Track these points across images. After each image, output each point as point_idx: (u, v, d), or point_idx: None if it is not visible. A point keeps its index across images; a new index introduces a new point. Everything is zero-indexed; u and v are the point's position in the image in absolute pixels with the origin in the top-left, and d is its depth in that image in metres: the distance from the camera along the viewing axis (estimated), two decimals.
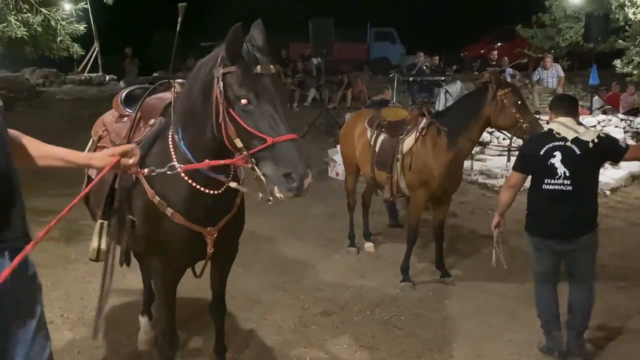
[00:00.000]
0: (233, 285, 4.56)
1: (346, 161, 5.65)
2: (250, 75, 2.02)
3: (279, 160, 1.96)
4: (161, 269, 2.58)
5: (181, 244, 2.45)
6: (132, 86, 3.18)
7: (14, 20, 4.84)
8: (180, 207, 2.37)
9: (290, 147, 1.98)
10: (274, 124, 1.99)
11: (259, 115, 2.00)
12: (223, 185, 2.33)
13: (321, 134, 10.83)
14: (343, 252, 5.44)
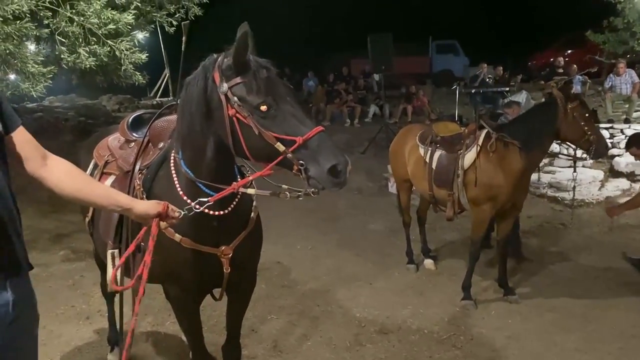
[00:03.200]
0: (285, 300, 4.66)
1: (397, 178, 5.57)
2: (261, 81, 1.95)
3: (317, 156, 1.89)
4: (178, 296, 2.48)
5: (195, 269, 2.34)
6: (139, 111, 3.08)
7: (84, 51, 5.19)
8: (188, 231, 2.25)
9: (323, 139, 1.91)
10: (299, 123, 1.93)
11: (282, 118, 1.94)
12: (230, 205, 2.23)
13: (382, 149, 10.74)
14: (402, 269, 5.35)
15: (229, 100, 1.96)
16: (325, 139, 1.91)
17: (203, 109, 2.05)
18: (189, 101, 2.11)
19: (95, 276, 4.99)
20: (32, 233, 6.41)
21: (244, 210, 2.38)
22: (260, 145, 1.95)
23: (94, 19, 5.04)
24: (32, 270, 4.54)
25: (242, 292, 2.65)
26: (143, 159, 2.54)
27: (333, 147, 1.91)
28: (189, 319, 2.57)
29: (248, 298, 2.72)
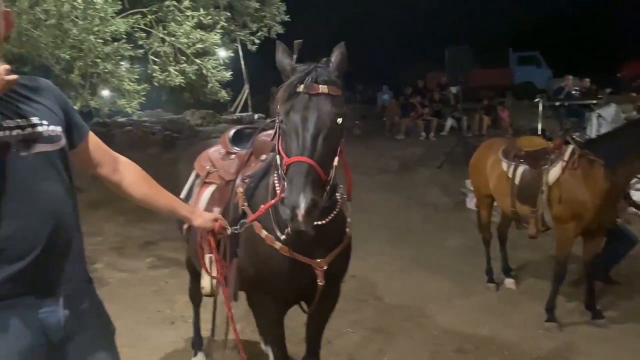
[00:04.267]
0: (361, 314, 4.65)
1: (478, 193, 5.43)
2: (290, 94, 1.95)
3: (287, 183, 1.86)
4: (266, 305, 2.51)
5: (289, 278, 2.36)
6: (239, 126, 3.25)
7: (174, 70, 5.52)
8: (287, 240, 2.28)
9: (294, 169, 1.85)
10: (293, 144, 1.90)
11: (287, 134, 1.94)
12: (329, 215, 2.22)
13: (459, 164, 10.51)
14: (481, 287, 5.20)
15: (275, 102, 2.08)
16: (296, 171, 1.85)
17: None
18: None
19: (179, 283, 5.22)
20: (121, 240, 6.82)
21: (340, 225, 2.40)
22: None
23: (184, 39, 5.36)
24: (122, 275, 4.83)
25: (325, 305, 2.66)
26: (245, 169, 2.66)
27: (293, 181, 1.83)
28: (275, 328, 2.61)
29: (330, 312, 2.73)
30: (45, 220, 1.57)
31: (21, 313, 1.54)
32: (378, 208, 7.74)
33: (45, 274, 1.58)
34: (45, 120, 1.62)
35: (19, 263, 1.52)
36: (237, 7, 6.69)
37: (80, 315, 1.66)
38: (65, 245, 1.63)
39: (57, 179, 1.63)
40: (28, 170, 1.55)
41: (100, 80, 5.33)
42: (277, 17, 7.12)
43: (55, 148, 1.63)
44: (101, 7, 4.67)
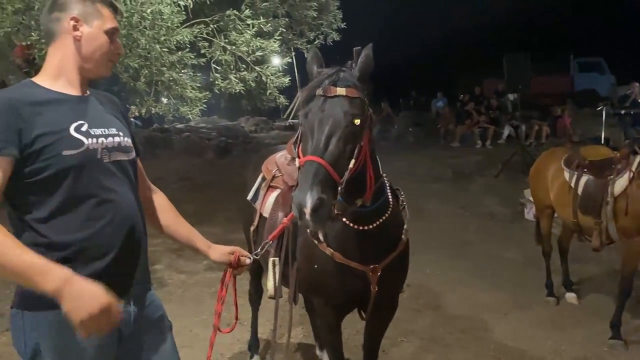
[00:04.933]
0: (416, 324, 4.60)
1: (538, 204, 5.27)
2: (309, 96, 1.97)
3: (298, 182, 1.87)
4: (322, 309, 2.56)
5: (342, 284, 2.38)
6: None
7: (234, 78, 5.67)
8: (338, 245, 2.32)
9: (304, 169, 1.84)
10: (308, 145, 1.91)
11: (304, 136, 1.96)
12: (375, 221, 2.24)
13: (517, 173, 10.25)
14: (541, 301, 5.04)
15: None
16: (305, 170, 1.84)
17: None
18: None
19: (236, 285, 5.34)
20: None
21: (394, 231, 2.40)
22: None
23: (244, 47, 5.50)
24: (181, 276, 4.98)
25: (383, 313, 2.67)
26: None
27: (303, 180, 1.82)
28: (331, 333, 2.63)
29: (388, 320, 2.74)
30: (122, 224, 1.69)
31: None
32: (432, 217, 7.64)
33: (120, 274, 1.69)
34: (121, 132, 1.76)
35: (98, 263, 1.63)
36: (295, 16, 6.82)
37: (145, 312, 1.80)
38: (137, 247, 1.76)
39: (130, 186, 1.76)
40: (109, 176, 1.68)
41: (164, 88, 5.55)
42: (333, 24, 7.21)
43: (129, 158, 1.78)
44: (168, 17, 4.87)
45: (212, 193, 9.20)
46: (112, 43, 1.74)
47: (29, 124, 1.55)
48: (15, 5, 4.59)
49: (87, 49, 1.70)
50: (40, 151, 1.55)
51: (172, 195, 2.09)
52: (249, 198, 3.11)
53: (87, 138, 1.63)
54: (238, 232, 4.02)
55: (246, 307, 4.00)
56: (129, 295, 1.73)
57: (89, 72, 1.74)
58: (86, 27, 1.68)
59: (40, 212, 1.59)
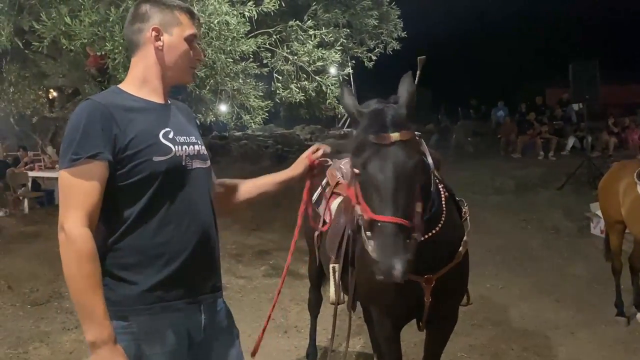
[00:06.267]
0: (477, 339, 4.47)
1: (608, 218, 5.03)
2: (362, 144, 1.89)
3: (374, 241, 1.83)
4: (379, 319, 2.53)
5: (395, 293, 2.32)
6: None
7: (295, 87, 5.76)
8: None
9: (384, 232, 1.78)
10: (377, 200, 1.83)
11: (366, 187, 1.87)
12: (428, 232, 2.16)
13: (582, 186, 9.83)
14: (609, 321, 4.80)
15: None
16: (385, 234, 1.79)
17: None
18: None
19: (292, 293, 5.38)
20: (238, 248, 7.16)
21: (451, 241, 2.36)
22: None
23: (306, 57, 5.58)
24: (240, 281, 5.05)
25: (441, 326, 2.63)
26: None
27: (384, 246, 1.78)
28: (389, 344, 2.60)
29: (448, 334, 2.68)
30: (197, 230, 1.72)
31: (173, 316, 1.68)
32: (493, 230, 7.42)
33: (193, 279, 1.72)
34: (199, 140, 1.80)
35: (172, 267, 1.67)
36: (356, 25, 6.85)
37: (215, 320, 1.80)
38: (210, 254, 1.78)
39: (207, 194, 1.80)
40: (191, 183, 1.72)
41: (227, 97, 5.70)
42: (393, 33, 7.19)
43: (206, 165, 1.81)
44: (234, 28, 5.01)
45: (270, 200, 9.31)
46: (192, 49, 1.77)
47: (122, 130, 1.61)
48: (92, 17, 4.84)
49: (169, 58, 1.73)
50: (132, 156, 1.61)
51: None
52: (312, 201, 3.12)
53: (174, 145, 1.67)
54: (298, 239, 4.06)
55: (304, 314, 4.03)
56: (200, 301, 1.74)
57: (172, 80, 1.79)
58: (167, 35, 1.72)
59: (125, 215, 1.64)
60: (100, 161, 1.57)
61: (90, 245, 1.54)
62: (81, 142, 1.56)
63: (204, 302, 1.75)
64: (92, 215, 1.57)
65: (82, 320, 1.53)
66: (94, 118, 1.58)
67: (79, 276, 1.52)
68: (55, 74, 6.81)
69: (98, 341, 1.50)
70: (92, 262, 1.54)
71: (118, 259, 1.64)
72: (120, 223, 1.64)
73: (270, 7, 5.44)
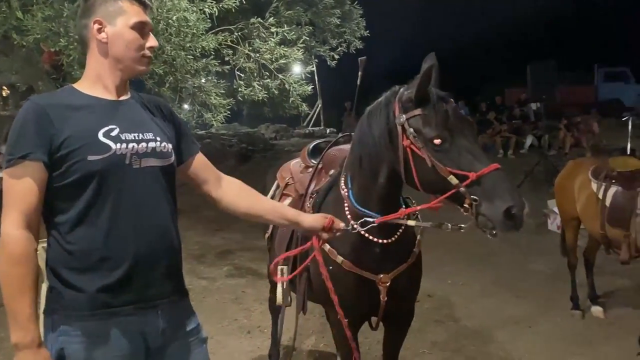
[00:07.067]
0: (439, 335, 4.53)
1: (564, 215, 5.17)
2: (439, 114, 1.98)
3: (492, 195, 1.85)
4: (337, 319, 2.49)
5: (352, 293, 2.37)
6: (319, 140, 3.25)
7: (257, 85, 5.71)
8: (350, 255, 2.32)
9: (500, 177, 1.87)
10: (474, 158, 1.91)
11: (456, 152, 1.94)
12: (394, 235, 2.25)
13: (540, 183, 10.10)
14: (566, 314, 4.93)
15: (405, 131, 2.02)
16: (502, 178, 1.88)
17: (382, 138, 2.13)
18: (367, 130, 2.21)
19: (255, 293, 5.34)
20: (201, 248, 7.06)
21: (408, 242, 2.39)
22: (432, 178, 1.97)
23: (268, 55, 5.53)
24: (202, 282, 4.97)
25: (399, 324, 2.67)
26: (316, 184, 2.69)
27: (510, 188, 1.86)
28: (346, 343, 2.58)
29: (405, 331, 2.72)
30: (148, 232, 1.64)
31: (124, 320, 1.61)
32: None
33: (145, 283, 1.64)
34: (158, 137, 1.70)
35: (119, 272, 1.60)
36: (319, 24, 6.84)
37: (176, 325, 1.73)
38: (166, 257, 1.70)
39: (162, 194, 1.71)
40: (137, 183, 1.64)
41: (188, 95, 5.60)
42: (356, 32, 7.21)
43: (164, 164, 1.71)
44: (194, 24, 4.92)
45: None
46: (143, 37, 1.69)
47: (59, 129, 1.55)
48: (45, 12, 4.67)
49: (116, 49, 1.66)
50: (66, 156, 1.55)
51: (193, 202, 2.08)
52: None
53: (115, 143, 1.59)
54: (259, 239, 4.02)
55: (268, 315, 4.00)
56: (156, 306, 1.67)
57: (125, 72, 1.71)
58: (110, 27, 1.65)
59: (65, 218, 1.58)
60: (31, 161, 1.52)
61: (22, 248, 1.51)
62: (15, 144, 1.54)
63: (160, 306, 1.67)
64: (30, 216, 1.54)
65: (9, 321, 1.52)
66: (28, 119, 1.55)
67: (8, 278, 1.51)
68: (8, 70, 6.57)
69: (20, 344, 1.51)
70: (23, 265, 1.51)
71: (66, 262, 1.58)
72: (65, 226, 1.58)
73: (231, 4, 5.37)
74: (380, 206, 2.22)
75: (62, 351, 1.57)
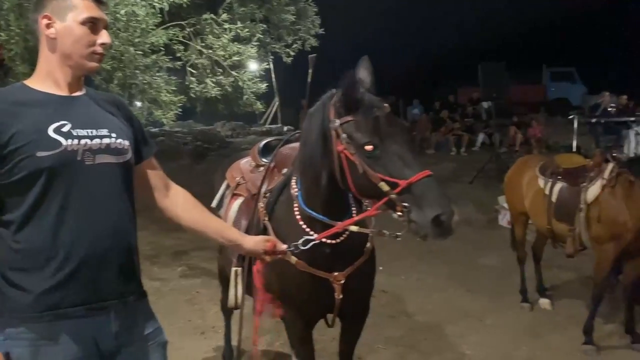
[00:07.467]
0: (393, 331, 4.59)
1: (513, 210, 5.32)
2: (370, 120, 1.96)
3: (421, 202, 1.84)
4: (292, 318, 2.52)
5: (307, 292, 2.38)
6: (270, 138, 3.20)
7: (210, 82, 5.62)
8: (302, 256, 2.26)
9: (429, 184, 1.86)
10: (404, 165, 1.90)
11: (388, 159, 1.92)
12: (342, 235, 2.25)
13: (491, 180, 10.35)
14: (516, 307, 5.07)
15: (339, 136, 2.01)
16: (432, 185, 1.87)
17: (319, 141, 2.12)
18: (309, 132, 2.20)
19: (210, 293, 5.26)
20: (154, 249, 6.90)
21: (360, 239, 2.39)
22: (365, 184, 1.97)
23: (221, 51, 5.45)
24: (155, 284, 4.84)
25: (354, 320, 2.67)
26: (268, 183, 2.64)
27: (439, 195, 1.86)
28: (301, 342, 2.61)
29: (360, 327, 2.72)
30: (101, 231, 1.60)
31: (73, 323, 1.56)
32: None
33: (96, 284, 1.60)
34: (114, 133, 1.66)
35: (66, 272, 1.55)
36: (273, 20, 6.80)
37: (131, 328, 1.68)
38: (120, 256, 1.65)
39: (117, 191, 1.66)
40: (90, 180, 1.59)
41: (138, 91, 5.46)
42: (311, 30, 7.21)
43: (119, 161, 1.66)
44: (142, 19, 4.79)
45: None
46: (93, 33, 1.65)
47: (7, 125, 1.50)
48: None
49: (66, 45, 1.62)
50: (14, 152, 1.50)
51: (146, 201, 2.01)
52: (213, 205, 3.05)
53: (66, 139, 1.55)
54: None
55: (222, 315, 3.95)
56: (108, 308, 1.62)
57: (75, 68, 1.66)
58: (59, 22, 1.61)
59: (12, 217, 1.54)
60: None
61: None
62: None
63: (113, 307, 1.62)
64: None
65: None
66: None
67: None
68: None
69: None
70: None
71: (12, 262, 1.54)
72: (12, 225, 1.54)
73: None
74: (327, 208, 2.21)
75: (8, 355, 1.52)
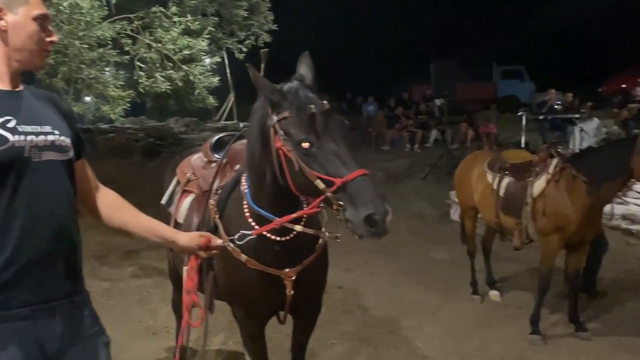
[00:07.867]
0: (347, 326, 4.62)
1: (463, 205, 5.44)
2: (306, 117, 1.93)
3: (356, 201, 1.83)
4: (244, 316, 2.51)
5: (259, 290, 2.35)
6: (222, 133, 3.14)
7: (160, 76, 5.47)
8: (252, 253, 2.27)
9: (364, 183, 1.85)
10: (341, 163, 1.88)
11: (324, 157, 1.90)
12: (291, 232, 2.22)
13: (444, 175, 10.58)
14: (466, 299, 5.19)
15: (277, 132, 1.98)
16: (367, 184, 1.86)
17: (259, 137, 2.09)
18: (251, 128, 2.18)
19: (162, 293, 5.14)
20: (104, 249, 6.69)
21: (311, 236, 2.34)
22: (302, 181, 1.95)
23: (171, 45, 5.32)
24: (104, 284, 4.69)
25: (306, 316, 2.66)
26: (221, 179, 2.60)
27: (373, 194, 1.84)
28: (253, 340, 2.59)
29: (313, 323, 2.72)
30: (47, 228, 1.56)
31: (16, 325, 1.52)
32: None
33: (42, 283, 1.56)
34: (57, 130, 1.63)
35: (11, 271, 1.50)
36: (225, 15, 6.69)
37: (77, 328, 1.64)
38: (65, 255, 1.62)
39: (62, 188, 1.63)
40: (36, 177, 1.56)
41: (84, 86, 5.26)
42: (264, 25, 7.13)
43: (63, 158, 1.64)
44: (87, 12, 4.62)
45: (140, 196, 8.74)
46: (43, 31, 1.62)
47: None
48: None
49: (16, 39, 1.58)
50: None
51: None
52: (163, 202, 2.99)
53: (13, 135, 1.50)
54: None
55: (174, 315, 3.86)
56: (54, 308, 1.58)
57: (21, 64, 1.61)
58: (11, 15, 1.57)
59: None
60: None
61: None
62: None
63: (59, 307, 1.58)
64: None
65: None
66: None
67: None
68: None
69: None
70: None
71: None
72: None
73: None
74: (273, 206, 2.18)
75: None
